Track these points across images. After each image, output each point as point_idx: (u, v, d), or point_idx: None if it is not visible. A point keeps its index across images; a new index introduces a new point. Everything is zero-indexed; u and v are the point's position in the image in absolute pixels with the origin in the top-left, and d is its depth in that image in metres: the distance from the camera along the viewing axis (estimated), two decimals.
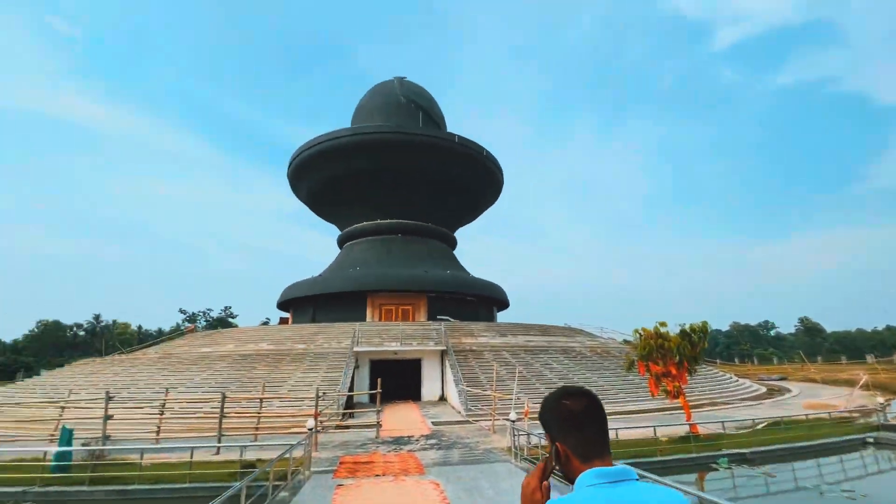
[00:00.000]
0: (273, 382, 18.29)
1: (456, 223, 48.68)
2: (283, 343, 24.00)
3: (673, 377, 10.30)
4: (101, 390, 18.79)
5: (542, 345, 25.78)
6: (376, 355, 21.96)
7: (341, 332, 25.30)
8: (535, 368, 20.96)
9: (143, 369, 20.87)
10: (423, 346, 21.94)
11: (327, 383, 18.07)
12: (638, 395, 19.04)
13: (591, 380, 20.29)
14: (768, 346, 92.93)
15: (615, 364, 23.10)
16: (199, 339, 28.08)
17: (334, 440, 11.90)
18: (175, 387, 18.30)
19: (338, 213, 45.39)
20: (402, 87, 48.18)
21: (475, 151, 42.27)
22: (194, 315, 76.34)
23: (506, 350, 23.30)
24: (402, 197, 41.29)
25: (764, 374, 40.66)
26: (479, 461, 9.07)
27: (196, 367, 20.35)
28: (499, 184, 47.60)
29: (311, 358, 21.09)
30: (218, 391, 17.30)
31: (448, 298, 37.26)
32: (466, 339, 24.94)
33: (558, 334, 30.17)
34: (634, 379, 20.97)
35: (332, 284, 36.26)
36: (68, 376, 21.97)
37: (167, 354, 23.68)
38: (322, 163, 40.56)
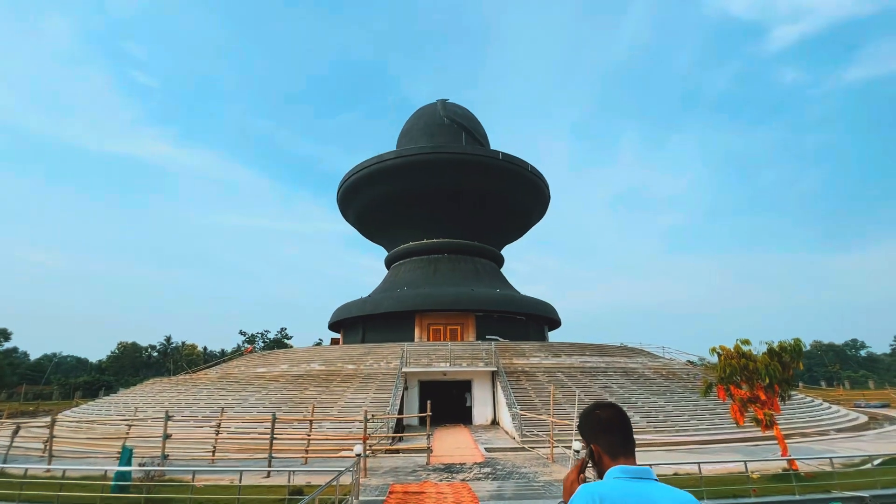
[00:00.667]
0: (324, 403, 18.27)
1: (503, 241, 47.92)
2: (334, 364, 24.15)
3: (763, 403, 8.92)
4: (165, 409, 19.70)
5: (600, 366, 24.17)
6: (425, 376, 21.47)
7: (390, 352, 25.12)
8: (594, 391, 19.53)
9: (204, 388, 21.67)
10: (473, 367, 21.19)
11: (376, 405, 17.77)
12: (713, 423, 17.11)
13: (658, 404, 18.55)
14: (858, 367, 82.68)
15: (682, 387, 21.10)
16: (256, 360, 28.99)
17: (383, 466, 11.43)
18: (232, 406, 18.77)
19: (385, 235, 46.15)
20: (444, 109, 48.90)
21: (520, 167, 41.68)
22: (253, 336, 79.96)
23: (560, 371, 21.99)
24: (447, 216, 41.32)
25: (861, 401, 35.78)
26: (540, 496, 8.21)
27: (251, 388, 20.84)
28: (545, 199, 46.51)
29: (361, 379, 20.97)
30: (270, 411, 17.51)
31: (497, 317, 36.32)
32: (518, 360, 23.89)
33: (616, 354, 28.25)
34: (707, 404, 18.99)
35: (380, 305, 36.50)
36: (139, 395, 23.28)
37: (226, 375, 24.53)
38: (369, 186, 41.60)
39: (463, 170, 39.36)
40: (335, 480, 6.73)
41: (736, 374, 9.09)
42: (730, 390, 9.81)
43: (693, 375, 23.53)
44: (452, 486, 8.49)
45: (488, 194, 40.77)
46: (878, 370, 79.55)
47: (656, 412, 17.68)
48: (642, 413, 17.47)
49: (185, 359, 75.61)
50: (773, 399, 9.14)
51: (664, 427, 16.33)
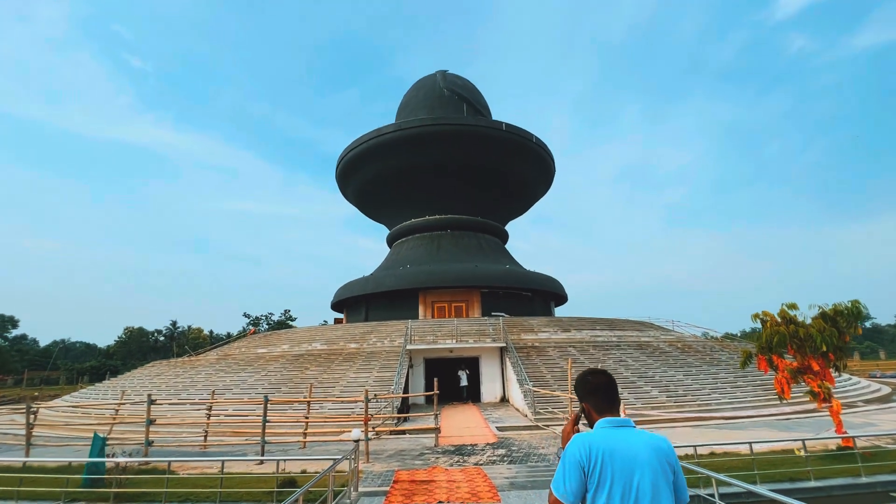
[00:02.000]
0: (325, 383, 17.45)
1: (507, 216, 46.61)
2: (336, 343, 23.33)
3: (816, 375, 7.87)
4: (161, 392, 18.95)
5: (612, 340, 23.24)
6: (431, 353, 20.61)
7: (394, 330, 24.25)
8: (608, 366, 18.60)
9: (202, 370, 20.92)
10: (481, 343, 20.29)
11: (380, 384, 16.93)
12: (735, 397, 16.18)
13: (676, 378, 17.63)
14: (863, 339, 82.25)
15: (700, 360, 20.17)
16: (257, 341, 28.26)
17: (387, 448, 10.56)
18: (229, 388, 18.01)
19: (386, 212, 44.88)
20: (444, 80, 46.89)
21: (524, 138, 40.02)
22: (257, 319, 79.74)
23: (572, 346, 21.07)
24: (449, 191, 39.95)
25: (876, 371, 34.94)
26: None
27: (251, 369, 20.06)
28: (550, 172, 44.94)
29: (364, 357, 20.12)
30: (270, 392, 16.70)
31: (502, 294, 35.36)
32: (526, 336, 22.97)
33: (627, 328, 27.32)
34: (728, 377, 18.08)
35: (382, 283, 35.55)
36: (137, 378, 22.60)
37: (225, 356, 23.79)
38: (368, 161, 40.15)
39: (465, 142, 37.77)
40: (331, 470, 5.75)
41: (785, 343, 8.04)
42: (772, 361, 8.77)
43: (709, 348, 22.58)
44: (465, 472, 7.56)
45: (491, 167, 39.27)
46: (883, 341, 78.98)
47: (675, 386, 16.77)
48: (661, 387, 16.57)
49: (190, 343, 75.78)
50: (826, 369, 8.11)
51: (685, 402, 15.42)
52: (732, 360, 20.59)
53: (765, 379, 18.41)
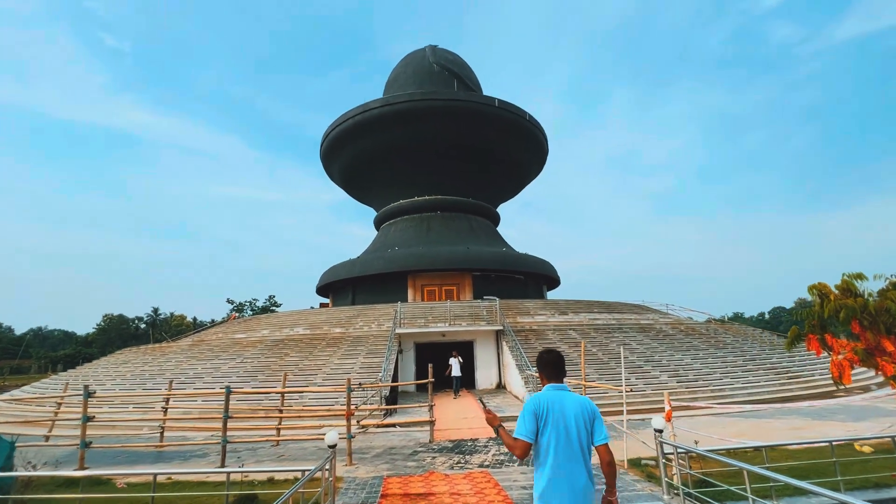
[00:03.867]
0: (307, 370, 15.94)
1: (499, 197, 45.07)
2: (319, 327, 21.76)
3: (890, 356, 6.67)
4: (127, 381, 17.24)
5: (612, 322, 22.12)
6: (422, 338, 19.21)
7: (382, 313, 22.76)
8: (611, 349, 17.45)
9: (172, 358, 19.21)
10: (476, 327, 18.93)
11: (367, 371, 15.49)
12: (749, 381, 15.13)
13: (685, 362, 16.54)
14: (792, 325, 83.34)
15: (707, 343, 19.14)
16: (236, 326, 26.53)
17: (375, 445, 9.14)
18: (201, 376, 16.38)
19: (373, 193, 42.96)
20: (434, 55, 44.66)
21: (518, 115, 38.29)
22: (241, 305, 77.44)
23: (572, 329, 19.87)
24: (439, 171, 38.17)
25: None
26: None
27: (225, 355, 18.41)
28: (544, 151, 43.38)
29: (350, 342, 18.62)
30: (245, 380, 15.14)
31: (494, 277, 34.05)
32: (522, 319, 21.70)
33: (625, 311, 26.27)
34: (737, 361, 17.07)
35: (370, 266, 33.90)
36: (102, 367, 20.78)
37: (199, 342, 22.06)
38: (353, 139, 38.04)
39: (455, 119, 35.88)
40: (299, 486, 4.27)
41: (850, 319, 6.80)
42: (826, 341, 7.55)
43: (713, 331, 21.62)
44: (471, 480, 6.16)
45: (483, 146, 37.53)
46: None
47: (685, 371, 15.67)
48: (670, 372, 15.44)
49: (173, 329, 73.43)
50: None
51: (697, 388, 14.32)
52: (738, 344, 19.66)
53: (775, 362, 17.49)
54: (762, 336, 22.67)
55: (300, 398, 13.15)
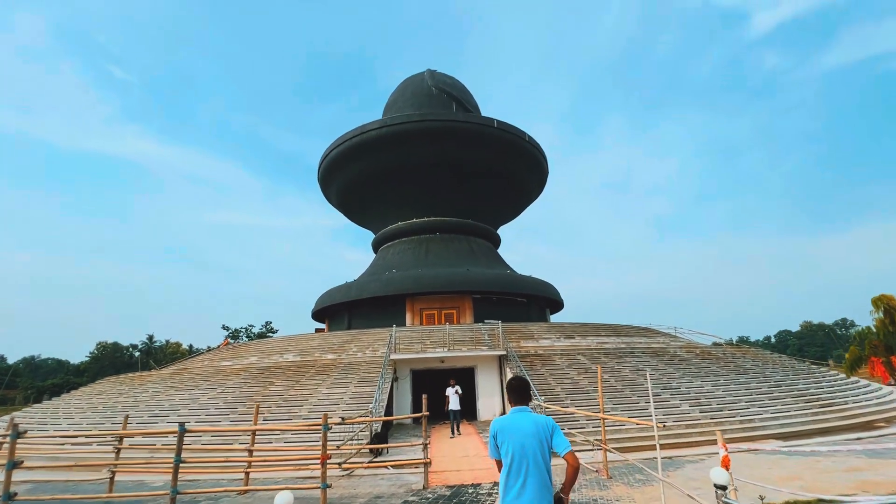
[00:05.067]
0: (292, 401, 14.56)
1: (499, 219, 44.28)
2: (310, 353, 20.42)
3: None
4: (97, 415, 15.81)
5: (622, 346, 20.76)
6: (419, 364, 17.85)
7: (376, 338, 21.45)
8: (624, 375, 16.08)
9: (150, 387, 17.81)
10: (477, 352, 17.60)
11: (358, 401, 14.12)
12: (778, 410, 13.70)
13: (705, 389, 15.14)
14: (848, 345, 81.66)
15: (725, 369, 17.76)
16: (224, 353, 25.12)
17: (359, 493, 7.77)
18: (177, 408, 14.98)
19: (371, 215, 42.21)
20: (432, 79, 44.82)
21: (517, 136, 37.90)
22: (237, 331, 75.67)
23: (580, 354, 18.51)
24: (438, 192, 37.53)
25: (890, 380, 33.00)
26: None
27: (206, 385, 17.02)
28: (544, 172, 42.85)
29: (341, 370, 17.27)
30: (226, 413, 13.76)
31: (496, 300, 32.82)
32: (527, 343, 20.37)
33: (634, 334, 24.91)
34: (761, 387, 15.68)
35: (366, 289, 32.70)
36: (76, 399, 19.32)
37: (182, 370, 20.67)
38: (351, 160, 37.54)
39: (454, 140, 35.44)
40: None
41: None
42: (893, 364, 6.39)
43: (731, 355, 20.24)
44: None
45: (482, 167, 36.99)
46: None
47: (706, 398, 14.28)
48: (691, 400, 14.05)
49: (168, 357, 71.45)
50: None
51: (722, 418, 12.92)
52: (759, 369, 18.26)
53: (803, 389, 16.08)
54: (781, 360, 21.27)
55: (282, 433, 11.77)
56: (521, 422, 2.83)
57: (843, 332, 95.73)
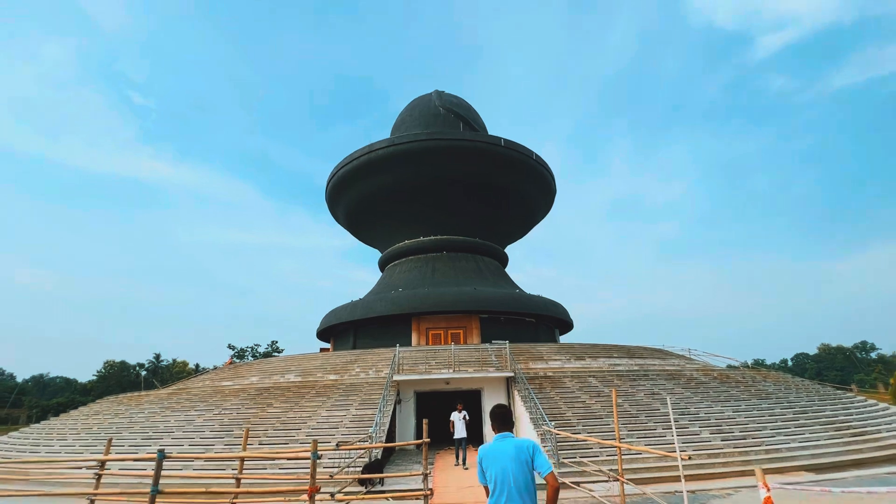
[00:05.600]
0: (289, 424, 13.95)
1: (506, 238, 43.87)
2: (312, 374, 19.84)
3: None
4: (90, 436, 15.32)
5: (634, 369, 19.88)
6: (423, 386, 17.19)
7: (381, 358, 20.85)
8: (639, 400, 15.24)
9: (147, 408, 17.31)
10: (483, 373, 16.91)
11: (358, 424, 13.47)
12: (807, 439, 12.77)
13: (726, 414, 14.22)
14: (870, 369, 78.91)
15: (746, 393, 16.81)
16: (226, 373, 24.62)
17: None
18: (171, 431, 14.44)
19: (378, 234, 42.07)
20: (440, 99, 45.30)
21: (524, 155, 37.79)
22: (242, 351, 75.25)
23: (592, 376, 17.70)
24: (445, 211, 37.36)
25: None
26: None
27: (203, 405, 16.48)
28: (551, 191, 42.56)
29: (342, 391, 16.65)
30: (219, 436, 13.19)
31: (504, 320, 32.07)
32: (535, 364, 19.61)
33: (647, 356, 23.97)
34: (786, 413, 14.73)
35: (372, 308, 32.19)
36: (71, 419, 18.86)
37: (180, 390, 20.17)
38: (359, 179, 37.66)
39: (461, 158, 35.46)
40: None
41: None
42: None
43: (751, 379, 19.25)
44: None
45: (489, 186, 36.84)
46: (891, 371, 75.87)
47: (728, 425, 13.39)
48: (712, 427, 13.17)
49: (174, 377, 71.06)
50: None
51: (747, 447, 12.04)
52: (782, 393, 17.28)
53: (831, 416, 15.08)
54: (805, 384, 20.19)
55: (273, 463, 11.15)
56: (504, 447, 3.02)
57: (863, 355, 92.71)
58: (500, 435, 3.14)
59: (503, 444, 3.02)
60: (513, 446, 2.98)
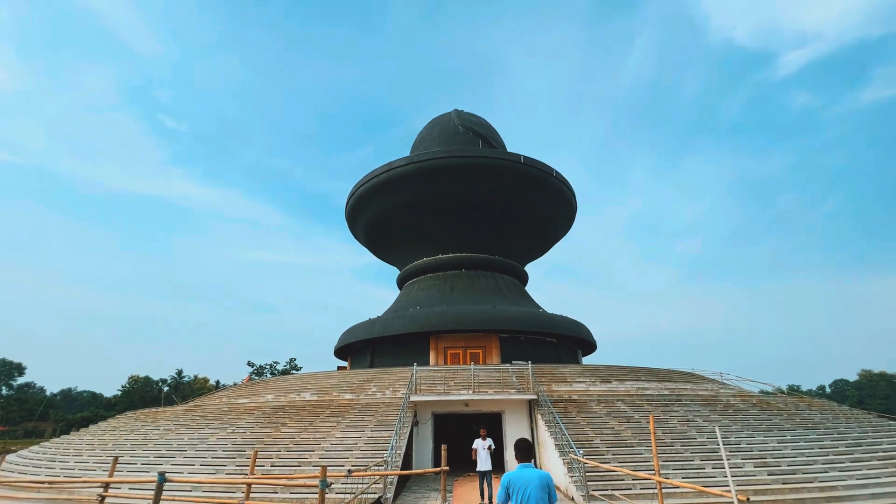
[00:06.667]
0: (303, 444, 13.45)
1: (526, 256, 43.12)
2: (328, 393, 19.38)
3: None
4: (106, 452, 15.13)
5: (665, 393, 18.75)
6: (441, 407, 16.50)
7: (398, 377, 20.28)
8: (672, 427, 14.19)
9: (162, 426, 17.11)
10: (505, 395, 16.14)
11: (373, 447, 12.88)
12: (863, 475, 11.54)
13: (769, 445, 13.05)
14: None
15: (790, 422, 15.51)
16: (243, 390, 24.39)
17: None
18: (184, 449, 14.12)
19: (397, 252, 41.96)
20: (459, 118, 45.59)
21: (544, 172, 37.35)
22: (261, 368, 75.54)
23: (620, 400, 16.71)
24: (464, 228, 37.02)
25: None
26: None
27: (217, 423, 16.18)
28: (572, 208, 41.82)
29: (357, 411, 16.12)
30: (231, 455, 12.78)
31: (524, 340, 31.14)
32: (559, 387, 18.69)
33: (678, 380, 22.67)
34: (837, 446, 13.45)
35: (389, 326, 31.74)
36: (88, 435, 18.83)
37: (196, 407, 19.98)
38: (379, 196, 37.81)
39: (480, 176, 35.25)
40: None
41: None
42: None
43: (794, 406, 17.86)
44: None
45: (509, 203, 36.43)
46: None
47: (773, 458, 12.25)
48: (755, 460, 12.06)
49: (195, 393, 71.66)
50: None
51: (795, 481, 10.92)
52: (830, 423, 15.90)
53: (888, 449, 13.70)
54: (854, 413, 18.61)
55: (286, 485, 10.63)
56: (529, 475, 3.74)
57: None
58: (523, 465, 3.87)
59: (528, 473, 3.77)
60: (537, 476, 3.74)
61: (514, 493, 3.70)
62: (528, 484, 3.67)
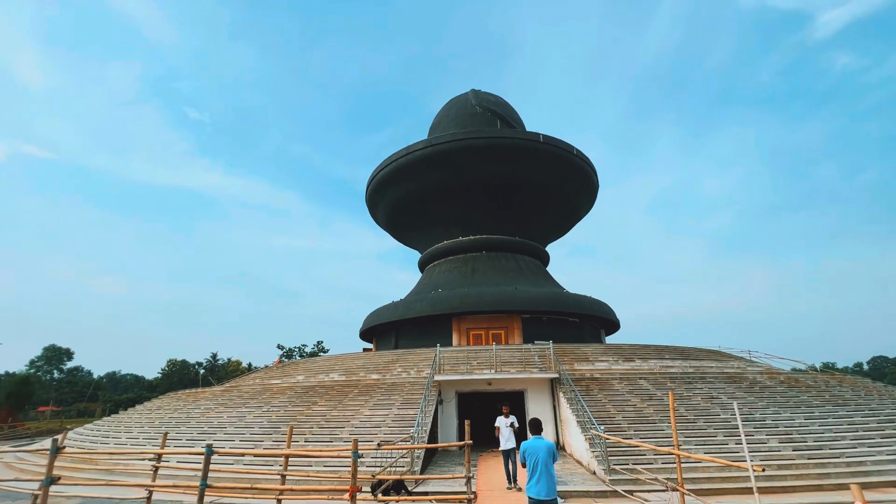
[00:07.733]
0: (333, 422, 14.16)
1: (548, 235, 42.80)
2: (355, 373, 20.14)
3: None
4: (153, 430, 16.27)
5: (689, 371, 18.67)
6: (464, 386, 16.96)
7: (422, 358, 20.84)
8: (696, 404, 14.24)
9: (203, 405, 18.21)
10: (527, 374, 16.45)
11: (400, 424, 13.45)
12: (894, 450, 11.39)
13: (796, 422, 12.97)
14: None
15: (819, 399, 15.30)
16: (274, 371, 25.56)
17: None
18: (224, 426, 15.06)
19: (417, 235, 42.33)
20: (476, 98, 44.98)
21: (565, 150, 36.72)
22: (290, 350, 78.22)
23: (642, 378, 16.79)
24: (484, 210, 36.96)
25: None
26: None
27: (253, 402, 17.12)
28: (594, 186, 41.08)
29: (384, 391, 16.75)
30: (268, 432, 13.58)
31: (546, 320, 31.24)
32: (581, 366, 18.87)
33: (703, 358, 22.50)
34: (868, 422, 13.25)
35: (412, 308, 32.37)
36: (136, 413, 20.20)
37: (232, 387, 21.10)
38: (398, 180, 38.02)
39: (499, 156, 34.93)
40: None
41: None
42: None
43: (824, 383, 17.55)
44: None
45: (529, 183, 36.07)
46: None
47: (799, 434, 12.19)
48: (781, 436, 12.04)
49: (229, 375, 75.06)
50: None
51: (823, 458, 10.89)
52: (861, 400, 15.59)
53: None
54: (889, 390, 18.13)
55: (318, 458, 11.31)
56: (539, 444, 5.28)
57: None
58: (536, 437, 5.49)
59: (539, 442, 5.32)
60: (545, 445, 5.28)
61: (529, 456, 5.20)
62: (538, 450, 5.18)
